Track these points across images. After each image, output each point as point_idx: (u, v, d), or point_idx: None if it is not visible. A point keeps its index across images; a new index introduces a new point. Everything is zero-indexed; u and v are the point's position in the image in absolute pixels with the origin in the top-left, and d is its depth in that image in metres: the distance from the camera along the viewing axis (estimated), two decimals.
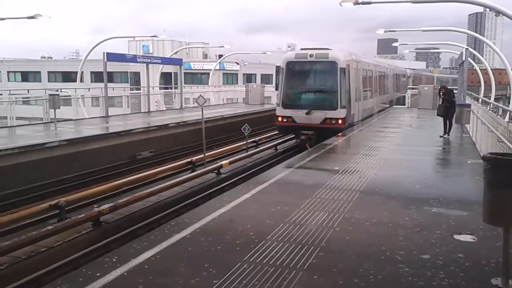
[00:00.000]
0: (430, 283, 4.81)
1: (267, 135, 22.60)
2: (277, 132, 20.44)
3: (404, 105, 33.51)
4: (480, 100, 21.63)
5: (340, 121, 17.83)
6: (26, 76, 58.52)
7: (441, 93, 16.85)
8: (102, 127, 18.59)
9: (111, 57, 23.27)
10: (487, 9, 21.03)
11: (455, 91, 19.76)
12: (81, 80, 33.15)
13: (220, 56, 49.79)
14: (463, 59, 23.02)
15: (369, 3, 15.87)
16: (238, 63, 54.83)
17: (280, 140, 19.67)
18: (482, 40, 30.36)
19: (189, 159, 14.71)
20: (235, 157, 15.61)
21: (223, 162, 14.28)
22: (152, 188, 11.35)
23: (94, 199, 11.04)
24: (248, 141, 17.80)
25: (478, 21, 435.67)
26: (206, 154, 14.86)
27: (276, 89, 24.51)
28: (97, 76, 47.94)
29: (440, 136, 16.46)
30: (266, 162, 16.31)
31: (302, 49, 19.45)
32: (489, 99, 31.01)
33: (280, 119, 18.65)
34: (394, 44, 39.78)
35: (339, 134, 17.00)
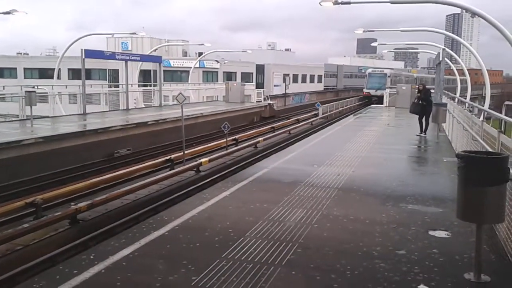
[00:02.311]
0: (405, 278, 4.90)
1: (248, 133, 22.64)
2: (256, 130, 24.55)
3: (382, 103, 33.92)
4: (456, 99, 21.97)
5: None
6: (1, 73, 57.32)
7: (418, 91, 17.16)
8: (79, 125, 18.38)
9: (89, 54, 23.01)
10: (464, 11, 21.29)
11: (432, 91, 20.10)
12: (58, 77, 32.51)
13: (200, 54, 49.56)
14: (440, 59, 23.34)
15: (349, 3, 15.92)
16: (218, 61, 54.56)
17: (261, 138, 19.74)
18: (459, 41, 30.86)
19: (167, 157, 14.65)
20: (214, 155, 15.58)
21: (202, 160, 14.25)
22: (130, 186, 11.26)
23: (71, 197, 10.91)
24: (228, 139, 17.80)
25: (455, 22, 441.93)
26: (185, 152, 14.81)
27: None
28: (74, 73, 47.22)
29: (417, 135, 16.72)
30: (246, 160, 16.32)
31: (374, 68, 57.69)
32: (465, 98, 31.51)
33: (364, 93, 50.15)
34: (373, 44, 40.00)
35: None
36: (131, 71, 30.58)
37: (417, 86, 18.42)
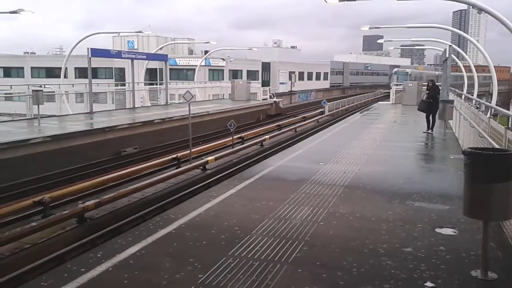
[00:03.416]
0: (412, 276, 4.90)
1: (254, 131, 22.64)
2: (262, 128, 24.19)
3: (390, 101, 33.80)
4: (463, 96, 21.87)
5: None
6: (8, 72, 57.57)
7: (427, 88, 17.12)
8: (86, 123, 18.46)
9: (96, 52, 23.09)
10: (471, 7, 21.06)
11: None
12: (65, 76, 32.62)
13: (206, 52, 49.54)
14: (447, 56, 23.24)
15: None
16: (224, 59, 54.52)
17: (267, 136, 19.74)
18: (466, 38, 30.69)
19: (174, 155, 14.68)
20: (220, 153, 15.59)
21: (209, 158, 14.27)
22: (137, 184, 11.30)
23: (78, 195, 10.96)
24: (234, 137, 17.81)
25: (462, 19, 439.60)
26: (192, 150, 14.83)
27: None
28: (81, 72, 47.34)
29: (424, 132, 16.66)
30: (252, 158, 16.33)
31: (399, 68, 68.63)
32: (472, 95, 31.36)
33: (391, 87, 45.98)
34: (379, 41, 39.72)
35: None
36: (137, 69, 30.65)
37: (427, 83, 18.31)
